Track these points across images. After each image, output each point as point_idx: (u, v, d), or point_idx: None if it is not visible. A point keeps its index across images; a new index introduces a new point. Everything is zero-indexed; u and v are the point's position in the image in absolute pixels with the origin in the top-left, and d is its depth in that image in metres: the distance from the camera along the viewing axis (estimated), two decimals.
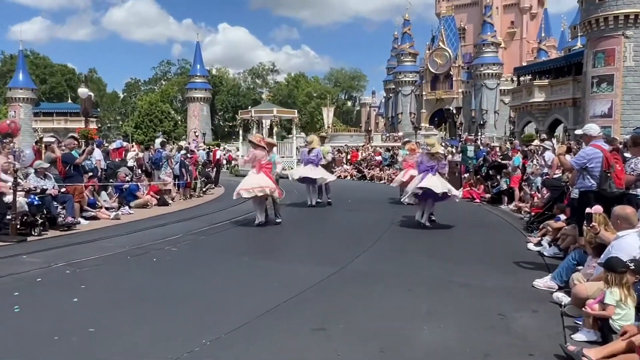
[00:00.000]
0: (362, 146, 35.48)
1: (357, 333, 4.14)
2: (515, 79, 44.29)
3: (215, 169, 20.51)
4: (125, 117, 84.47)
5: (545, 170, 11.58)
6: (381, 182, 22.89)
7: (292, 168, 22.56)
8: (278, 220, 10.00)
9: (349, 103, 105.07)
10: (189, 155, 15.47)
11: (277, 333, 4.14)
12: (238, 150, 40.04)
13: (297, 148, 27.24)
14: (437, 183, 9.40)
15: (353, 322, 4.39)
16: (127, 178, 12.58)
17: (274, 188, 9.48)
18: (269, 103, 30.11)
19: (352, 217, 11.49)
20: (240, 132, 27.20)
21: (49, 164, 9.60)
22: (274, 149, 11.44)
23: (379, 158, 26.38)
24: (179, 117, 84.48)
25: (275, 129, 25.52)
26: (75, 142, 11.56)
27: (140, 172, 13.98)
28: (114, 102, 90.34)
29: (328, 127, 62.40)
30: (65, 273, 6.05)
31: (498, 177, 14.16)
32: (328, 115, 65.40)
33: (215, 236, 8.81)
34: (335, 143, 44.28)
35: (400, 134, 53.32)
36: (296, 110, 30.19)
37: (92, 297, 5.05)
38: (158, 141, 16.98)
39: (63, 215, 8.98)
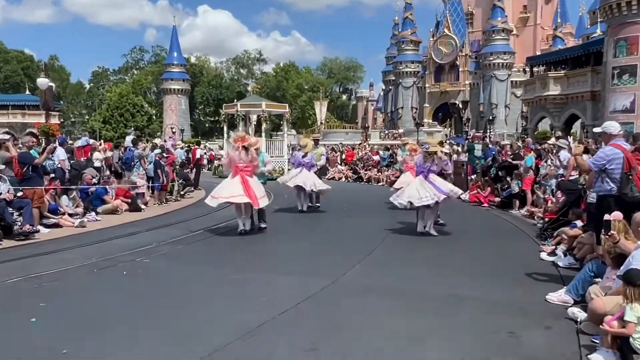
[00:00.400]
0: (359, 144, 35.55)
1: (352, 353, 4.16)
2: (528, 69, 44.63)
3: (194, 170, 20.47)
4: (91, 111, 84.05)
5: (561, 171, 11.67)
6: (379, 184, 22.94)
7: (282, 169, 22.55)
8: (263, 226, 10.05)
9: (344, 96, 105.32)
10: (164, 154, 15.43)
11: (264, 354, 4.14)
12: (221, 149, 39.95)
13: (288, 146, 27.25)
14: (433, 188, 9.46)
15: (348, 342, 4.40)
16: (94, 180, 12.51)
17: (244, 196, 9.21)
18: (256, 96, 30.04)
19: (347, 224, 11.51)
20: (225, 128, 27.07)
21: (3, 165, 9.52)
22: (261, 145, 11.50)
23: (376, 158, 26.46)
24: (154, 111, 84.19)
25: (264, 125, 25.42)
26: (35, 140, 11.48)
27: (109, 173, 13.92)
28: (78, 93, 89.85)
29: (321, 123, 62.50)
30: (22, 289, 6.01)
31: (508, 178, 14.26)
32: (321, 110, 65.43)
33: (194, 246, 8.79)
34: (329, 141, 44.42)
35: (401, 130, 53.60)
36: (287, 105, 30.05)
37: (53, 317, 5.02)
38: (129, 138, 16.91)
39: (20, 223, 8.90)
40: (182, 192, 16.39)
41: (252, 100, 27.50)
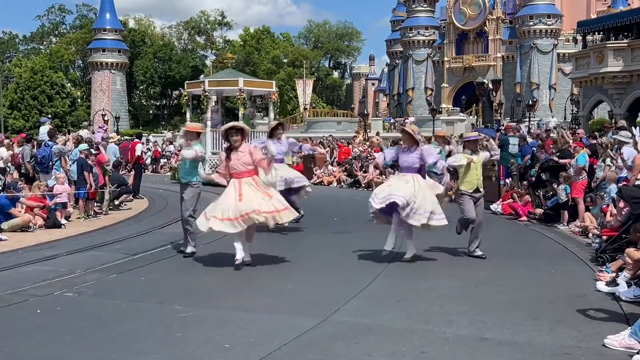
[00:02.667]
0: (355, 137, 35.63)
1: None
2: (579, 38, 45.11)
3: (134, 172, 20.38)
4: None
5: (624, 173, 11.78)
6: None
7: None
8: (189, 251, 9.89)
9: (336, 73, 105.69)
10: (92, 151, 15.35)
11: None
12: (171, 143, 39.57)
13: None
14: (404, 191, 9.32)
15: None
16: None
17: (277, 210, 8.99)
18: (231, 70, 29.16)
19: (339, 243, 11.50)
20: (188, 114, 26.70)
21: None
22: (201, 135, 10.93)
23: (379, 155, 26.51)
24: (79, 93, 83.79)
25: (242, 110, 24.83)
26: None
27: (17, 176, 13.82)
28: None
29: (305, 108, 62.67)
30: None
31: (554, 184, 14.37)
32: (305, 91, 65.71)
33: (133, 274, 8.74)
34: (315, 133, 44.50)
35: (411, 119, 53.76)
36: (274, 82, 29.55)
37: None
38: (44, 129, 16.82)
39: None
40: (116, 202, 16.29)
41: (224, 76, 26.82)
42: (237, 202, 8.73)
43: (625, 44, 36.81)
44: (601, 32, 40.33)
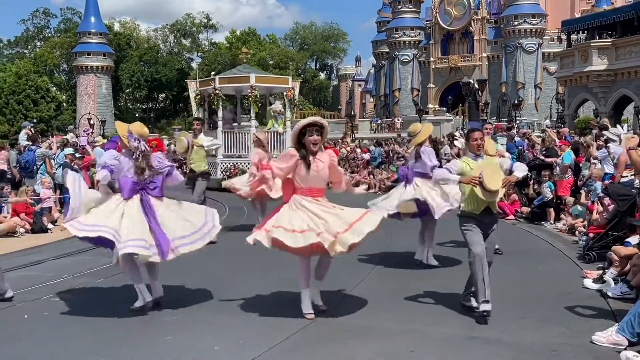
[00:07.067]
0: (342, 139, 35.66)
1: None
2: (564, 37, 45.36)
3: None
4: None
5: (610, 169, 11.86)
6: (370, 191, 23.00)
7: None
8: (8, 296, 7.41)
9: (322, 75, 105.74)
10: (77, 155, 15.27)
11: None
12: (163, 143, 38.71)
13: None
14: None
15: None
16: None
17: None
18: (245, 66, 27.33)
19: None
20: (200, 115, 25.46)
21: None
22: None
23: (366, 156, 26.56)
24: (64, 97, 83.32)
25: (254, 109, 23.48)
26: None
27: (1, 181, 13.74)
28: None
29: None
30: None
31: (540, 182, 14.44)
32: None
33: (120, 278, 8.66)
34: None
35: (399, 120, 53.95)
36: (290, 78, 27.13)
37: None
38: (23, 133, 16.71)
39: None
40: None
41: (237, 72, 25.57)
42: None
43: (610, 43, 37.10)
44: (585, 31, 40.64)
